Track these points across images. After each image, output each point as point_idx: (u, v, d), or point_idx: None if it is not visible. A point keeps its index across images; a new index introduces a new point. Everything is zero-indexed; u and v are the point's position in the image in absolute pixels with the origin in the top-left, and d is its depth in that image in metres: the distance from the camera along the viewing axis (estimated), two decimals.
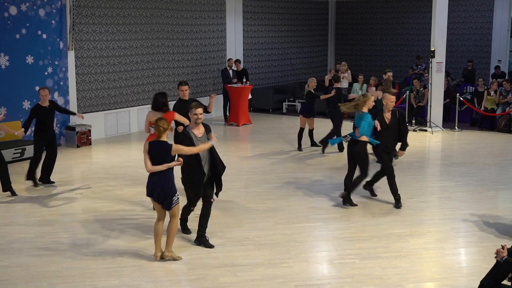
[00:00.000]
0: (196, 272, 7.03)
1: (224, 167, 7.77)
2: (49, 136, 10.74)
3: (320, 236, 8.36)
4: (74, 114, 11.47)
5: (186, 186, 7.68)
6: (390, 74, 14.13)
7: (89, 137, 14.34)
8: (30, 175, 10.79)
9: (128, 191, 10.46)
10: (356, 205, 9.47)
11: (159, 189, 7.13)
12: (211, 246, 7.74)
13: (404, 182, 10.68)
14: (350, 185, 9.50)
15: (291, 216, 9.07)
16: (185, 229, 8.22)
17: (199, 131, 7.62)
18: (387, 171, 9.50)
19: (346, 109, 9.71)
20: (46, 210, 9.41)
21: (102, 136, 15.17)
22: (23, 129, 10.44)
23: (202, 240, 7.80)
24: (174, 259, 7.33)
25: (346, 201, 9.50)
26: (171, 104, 9.89)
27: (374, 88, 13.79)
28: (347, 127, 13.21)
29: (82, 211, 9.37)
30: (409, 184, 10.75)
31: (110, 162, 12.76)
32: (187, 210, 8.04)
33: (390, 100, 9.27)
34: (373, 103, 9.63)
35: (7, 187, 10.15)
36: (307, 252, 7.73)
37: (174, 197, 7.18)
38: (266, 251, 7.66)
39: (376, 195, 9.98)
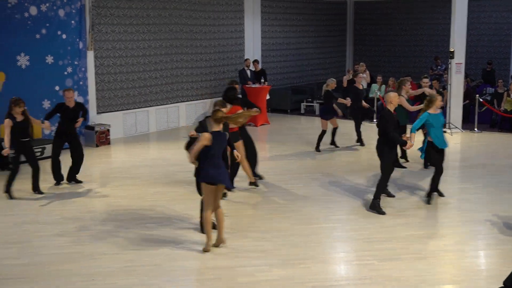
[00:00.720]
0: (214, 272, 7.04)
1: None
2: (69, 136, 10.83)
3: (338, 237, 8.33)
4: (83, 117, 11.03)
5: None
6: (426, 80, 13.75)
7: (108, 137, 14.43)
8: (55, 176, 10.92)
9: (147, 190, 10.51)
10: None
11: (223, 173, 7.41)
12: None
13: (423, 184, 10.61)
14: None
15: (309, 217, 9.05)
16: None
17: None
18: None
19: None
20: (65, 209, 9.48)
21: (121, 136, 15.26)
22: (48, 122, 10.58)
23: None
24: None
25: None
26: None
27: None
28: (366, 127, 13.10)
29: (101, 210, 9.43)
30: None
31: (129, 161, 12.83)
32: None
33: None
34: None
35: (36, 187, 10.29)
36: (325, 253, 7.71)
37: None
38: (283, 252, 7.65)
39: (393, 196, 9.93)
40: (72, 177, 11.02)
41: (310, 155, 13.33)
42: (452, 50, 15.94)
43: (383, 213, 9.09)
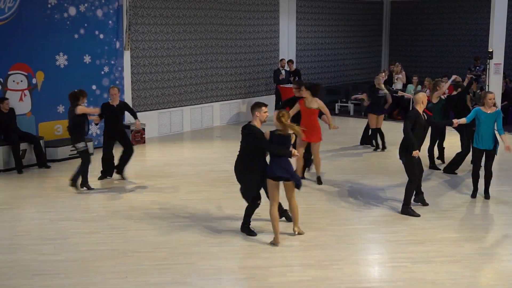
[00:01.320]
0: (246, 272, 7.05)
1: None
2: (117, 134, 11.02)
3: (371, 239, 8.26)
4: (136, 118, 11.37)
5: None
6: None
7: (143, 136, 14.58)
8: (104, 172, 11.20)
9: (181, 189, 10.58)
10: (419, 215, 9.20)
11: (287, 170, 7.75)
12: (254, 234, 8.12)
13: (460, 186, 10.46)
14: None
15: (343, 218, 9.00)
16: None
17: None
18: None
19: None
20: (100, 207, 9.61)
21: (155, 135, 15.40)
22: (99, 118, 10.96)
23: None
24: (301, 233, 8.14)
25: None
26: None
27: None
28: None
29: (135, 209, 9.53)
30: (466, 187, 10.52)
31: (163, 160, 12.93)
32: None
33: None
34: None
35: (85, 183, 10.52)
36: (358, 255, 7.65)
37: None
38: (317, 252, 7.62)
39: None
40: (121, 170, 11.27)
41: (345, 155, 13.25)
42: (491, 50, 15.67)
43: (417, 215, 8.98)
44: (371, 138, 13.93)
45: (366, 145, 14.00)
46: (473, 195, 9.90)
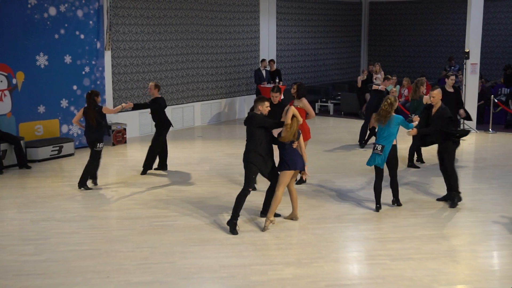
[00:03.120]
0: (228, 270, 7.06)
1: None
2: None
3: (351, 237, 8.31)
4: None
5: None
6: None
7: (124, 136, 14.51)
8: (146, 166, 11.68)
9: (162, 189, 10.55)
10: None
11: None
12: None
13: (437, 184, 10.56)
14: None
15: (323, 216, 9.04)
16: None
17: None
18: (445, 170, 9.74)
19: None
20: (81, 207, 9.55)
21: (137, 135, 15.34)
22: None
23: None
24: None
25: None
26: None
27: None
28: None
29: (116, 208, 9.49)
30: (442, 185, 10.61)
31: (143, 160, 12.85)
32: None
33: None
34: None
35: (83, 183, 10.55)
36: (338, 252, 7.70)
37: None
38: (297, 251, 7.66)
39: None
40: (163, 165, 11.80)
41: (324, 154, 13.32)
42: (467, 50, 15.83)
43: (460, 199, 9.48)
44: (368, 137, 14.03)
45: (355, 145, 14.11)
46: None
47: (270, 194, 8.55)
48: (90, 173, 10.53)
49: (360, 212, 9.26)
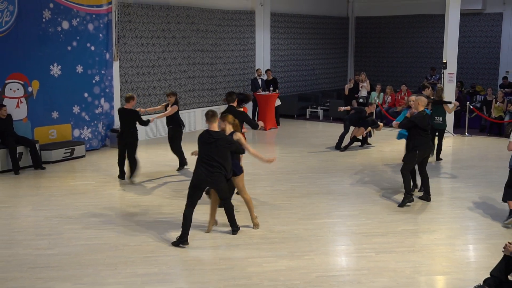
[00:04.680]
0: (226, 262, 7.03)
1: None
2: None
3: (339, 231, 8.30)
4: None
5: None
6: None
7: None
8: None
9: (166, 187, 10.52)
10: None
11: None
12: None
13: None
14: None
15: (313, 213, 9.02)
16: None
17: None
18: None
19: None
20: (91, 204, 9.51)
21: (143, 138, 15.28)
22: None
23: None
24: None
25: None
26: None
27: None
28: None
29: (125, 205, 9.46)
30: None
31: (150, 161, 12.84)
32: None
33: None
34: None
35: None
36: (327, 246, 7.68)
37: None
38: (290, 244, 7.63)
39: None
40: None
41: (315, 156, 13.30)
42: (445, 61, 15.86)
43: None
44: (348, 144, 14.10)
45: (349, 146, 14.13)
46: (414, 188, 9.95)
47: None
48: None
49: (348, 209, 9.24)
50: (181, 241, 7.47)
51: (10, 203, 9.59)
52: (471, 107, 16.44)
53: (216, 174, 7.50)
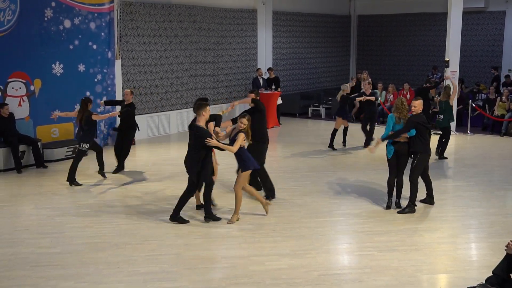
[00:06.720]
0: (228, 261, 7.04)
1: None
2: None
3: (341, 230, 8.30)
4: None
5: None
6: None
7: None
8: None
9: (168, 186, 10.53)
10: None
11: None
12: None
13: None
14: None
15: (315, 211, 9.02)
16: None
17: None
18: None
19: None
20: (94, 203, 9.52)
21: (145, 137, 15.31)
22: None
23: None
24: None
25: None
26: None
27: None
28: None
29: (126, 204, 9.47)
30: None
31: (152, 160, 12.87)
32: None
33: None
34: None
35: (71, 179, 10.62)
36: (330, 244, 7.68)
37: None
38: (292, 243, 7.64)
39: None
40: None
41: (317, 154, 13.30)
42: (447, 59, 15.84)
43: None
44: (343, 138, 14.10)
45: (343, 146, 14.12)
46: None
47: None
48: (74, 169, 10.55)
49: (350, 208, 9.24)
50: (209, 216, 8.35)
51: (12, 202, 9.61)
52: (474, 105, 16.42)
53: (189, 161, 8.22)
